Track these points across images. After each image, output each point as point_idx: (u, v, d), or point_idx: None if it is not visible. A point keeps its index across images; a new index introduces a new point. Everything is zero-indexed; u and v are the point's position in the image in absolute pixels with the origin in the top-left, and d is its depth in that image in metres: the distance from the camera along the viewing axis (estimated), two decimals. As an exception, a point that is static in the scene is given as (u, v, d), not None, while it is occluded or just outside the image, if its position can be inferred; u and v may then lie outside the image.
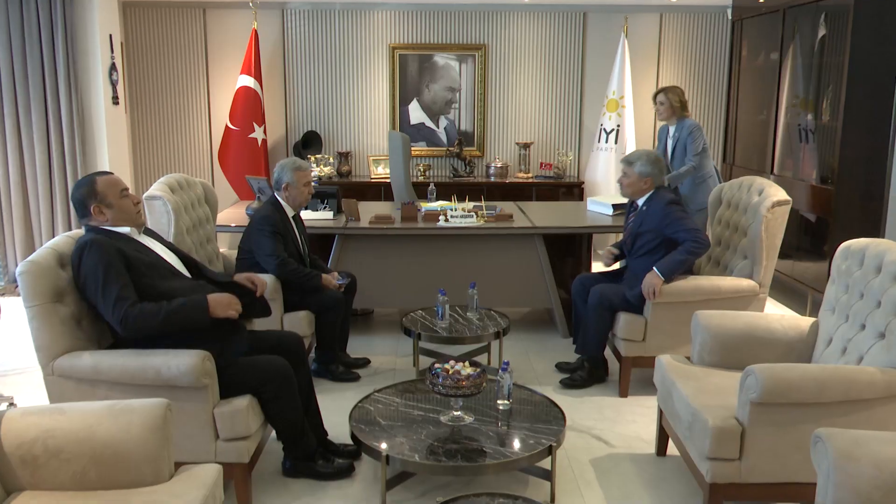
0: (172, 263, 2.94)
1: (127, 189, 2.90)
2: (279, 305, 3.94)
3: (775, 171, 5.89)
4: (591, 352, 4.08)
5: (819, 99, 5.26)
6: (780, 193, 3.91)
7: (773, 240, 3.90)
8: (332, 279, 4.11)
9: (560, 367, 4.32)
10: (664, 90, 5.12)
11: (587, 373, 4.12)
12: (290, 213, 4.08)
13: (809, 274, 5.35)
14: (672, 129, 5.18)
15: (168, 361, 2.68)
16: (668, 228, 3.83)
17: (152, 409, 2.18)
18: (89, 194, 2.80)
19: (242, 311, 2.88)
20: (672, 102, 5.08)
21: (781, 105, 5.80)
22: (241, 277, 3.06)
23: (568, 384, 4.13)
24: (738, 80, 6.73)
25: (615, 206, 5.13)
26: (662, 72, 7.19)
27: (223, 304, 2.79)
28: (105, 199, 2.80)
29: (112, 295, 2.67)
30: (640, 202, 4.02)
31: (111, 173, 2.90)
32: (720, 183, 5.08)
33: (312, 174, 5.36)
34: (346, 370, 4.19)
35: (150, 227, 3.62)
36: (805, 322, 3.20)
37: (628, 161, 3.97)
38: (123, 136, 5.99)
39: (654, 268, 3.82)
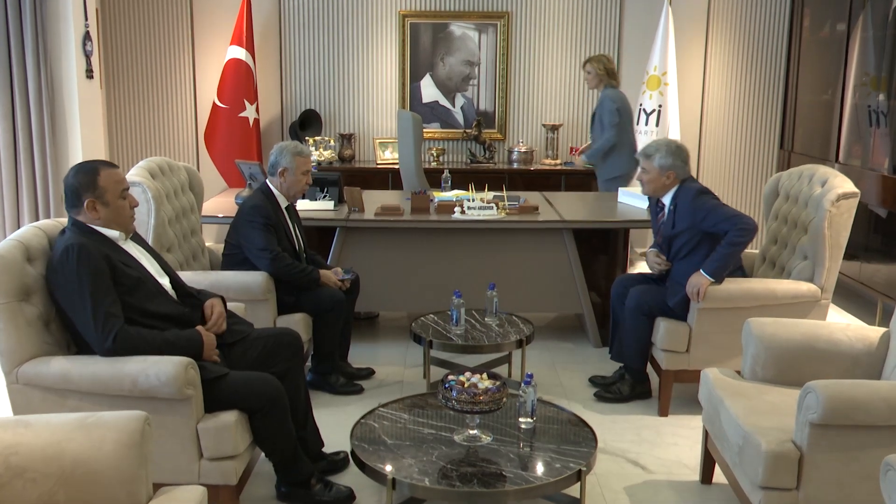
0: (157, 277, 2.99)
1: (128, 188, 2.93)
2: (272, 307, 3.95)
3: (841, 158, 5.84)
4: (627, 360, 4.09)
5: (893, 76, 5.21)
6: (846, 185, 3.87)
7: (838, 238, 3.87)
8: (333, 275, 4.13)
9: (594, 381, 4.32)
10: (591, 59, 5.83)
11: (629, 386, 4.12)
12: (283, 203, 4.09)
13: (879, 277, 5.30)
14: (598, 94, 5.92)
15: (146, 369, 2.69)
16: (704, 223, 3.81)
17: (128, 423, 2.19)
18: (88, 185, 2.81)
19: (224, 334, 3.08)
20: (597, 71, 5.77)
21: (849, 83, 5.75)
22: (207, 308, 3.10)
23: (604, 397, 4.13)
24: (798, 55, 6.68)
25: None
26: (712, 45, 7.15)
27: (211, 346, 2.95)
28: (104, 195, 2.83)
29: (102, 310, 2.71)
30: (666, 200, 4.00)
31: (116, 166, 2.93)
32: (630, 155, 5.80)
33: (311, 159, 5.39)
34: (347, 382, 4.20)
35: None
36: (874, 333, 3.17)
37: (646, 154, 3.95)
38: (98, 114, 6.03)
39: (701, 270, 3.81)
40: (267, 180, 4.11)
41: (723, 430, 2.96)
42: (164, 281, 3.02)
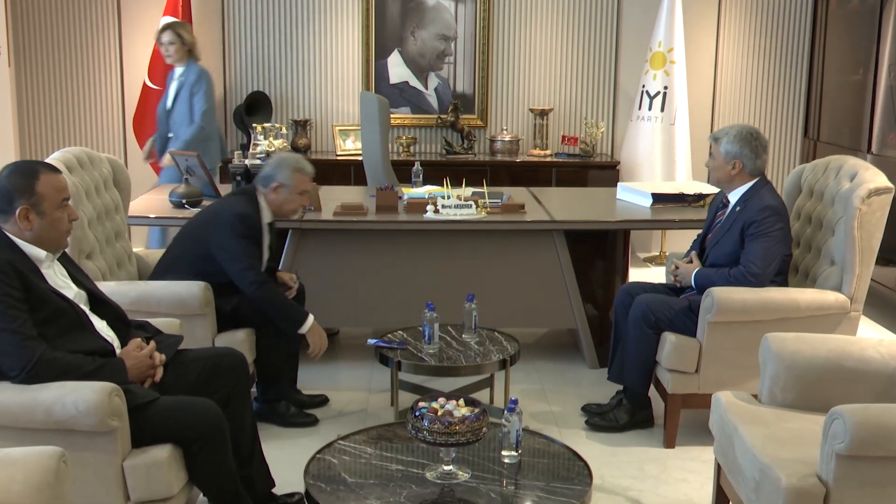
0: (81, 305, 2.98)
1: (69, 198, 2.94)
2: (210, 323, 3.94)
3: (874, 149, 5.91)
4: (628, 381, 4.12)
5: (931, 54, 5.29)
6: (878, 179, 3.92)
7: (870, 240, 3.92)
8: (321, 339, 4.07)
9: (589, 409, 4.34)
10: (172, 26, 5.92)
11: (627, 413, 4.15)
12: (266, 217, 4.12)
13: (918, 286, 5.36)
14: (178, 71, 5.98)
15: (63, 397, 2.67)
16: (749, 232, 3.91)
17: (41, 460, 2.18)
18: (23, 190, 2.81)
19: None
20: (185, 40, 5.88)
21: (882, 62, 5.83)
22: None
23: (599, 426, 4.16)
24: (824, 29, 6.76)
25: (657, 196, 5.14)
26: (725, 17, 7.22)
27: (141, 369, 2.96)
28: (41, 203, 2.83)
29: (22, 331, 2.71)
30: (732, 198, 4.07)
31: (59, 171, 2.94)
32: (221, 146, 6.06)
33: (259, 149, 5.38)
34: (298, 411, 4.20)
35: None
36: (911, 349, 3.22)
37: (715, 137, 4.11)
38: (6, 96, 5.98)
39: (697, 272, 4.03)
40: (257, 189, 4.12)
41: (737, 462, 2.98)
42: (88, 309, 3.02)
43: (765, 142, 4.07)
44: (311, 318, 4.01)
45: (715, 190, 5.19)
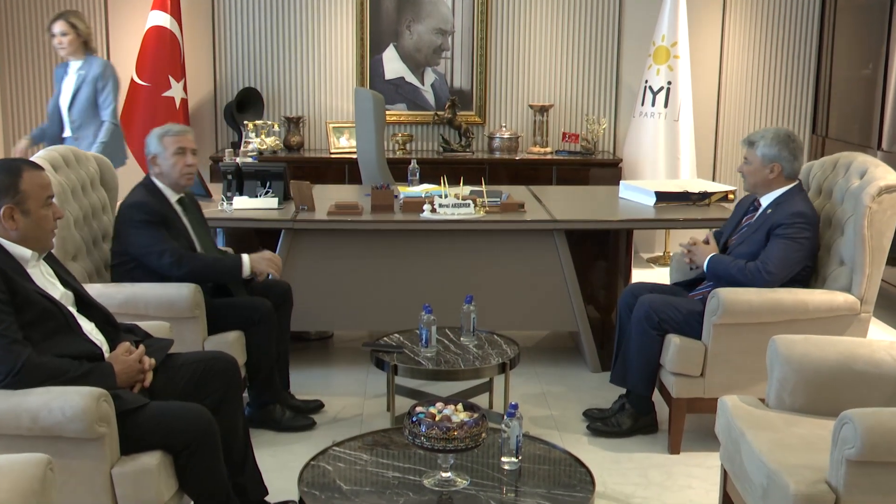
0: (68, 307, 2.98)
1: (53, 196, 2.95)
2: (201, 326, 3.93)
3: (884, 145, 5.91)
4: (631, 384, 4.13)
5: (943, 48, 5.29)
6: (889, 176, 3.92)
7: (880, 239, 3.92)
8: (268, 260, 4.11)
9: (590, 414, 4.34)
10: (65, 15, 5.56)
11: (630, 417, 4.15)
12: (171, 196, 4.10)
13: (929, 286, 5.37)
14: (75, 65, 5.64)
15: (49, 402, 2.67)
16: (775, 233, 3.93)
17: (26, 467, 2.18)
18: (8, 189, 2.81)
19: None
20: (81, 31, 5.56)
21: (893, 56, 5.83)
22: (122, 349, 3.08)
23: (601, 431, 4.16)
24: (832, 23, 6.76)
25: (660, 195, 5.14)
26: (731, 9, 7.23)
27: (130, 374, 2.96)
28: (25, 202, 2.83)
29: (6, 336, 2.71)
30: (764, 202, 4.08)
31: (42, 168, 2.94)
32: (123, 149, 5.90)
33: (251, 147, 5.39)
34: (294, 416, 4.19)
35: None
36: (923, 351, 3.21)
37: (749, 141, 4.12)
38: (-10, 93, 5.97)
39: (712, 256, 4.04)
40: (149, 174, 4.13)
41: (744, 468, 2.98)
42: (75, 310, 3.02)
43: (801, 144, 4.10)
44: (245, 256, 4.07)
45: (723, 188, 5.21)
